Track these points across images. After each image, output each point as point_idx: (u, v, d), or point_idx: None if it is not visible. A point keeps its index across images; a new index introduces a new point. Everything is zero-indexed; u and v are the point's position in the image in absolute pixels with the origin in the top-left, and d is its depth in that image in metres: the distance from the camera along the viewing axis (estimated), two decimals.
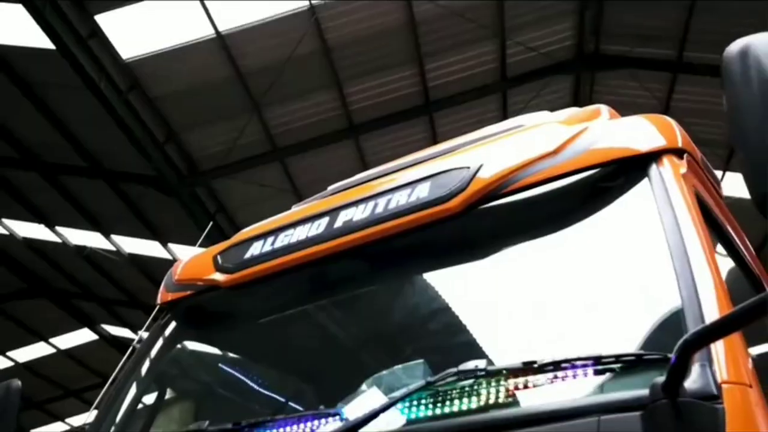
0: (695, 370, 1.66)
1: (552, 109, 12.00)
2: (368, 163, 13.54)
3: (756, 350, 2.82)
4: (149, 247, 15.15)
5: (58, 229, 14.80)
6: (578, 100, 13.55)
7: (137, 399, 2.91)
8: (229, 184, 13.31)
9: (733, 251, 2.65)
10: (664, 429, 1.58)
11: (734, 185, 13.87)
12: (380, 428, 1.95)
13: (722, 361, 1.70)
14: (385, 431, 1.95)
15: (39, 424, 23.60)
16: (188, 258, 3.16)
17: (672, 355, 1.57)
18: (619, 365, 1.80)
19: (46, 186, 13.24)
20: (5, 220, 14.60)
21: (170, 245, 15.03)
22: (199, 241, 4.00)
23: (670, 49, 12.25)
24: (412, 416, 1.97)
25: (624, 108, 11.76)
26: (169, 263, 15.36)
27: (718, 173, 13.21)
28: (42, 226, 14.65)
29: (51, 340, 19.24)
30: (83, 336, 19.48)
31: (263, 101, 11.81)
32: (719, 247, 2.56)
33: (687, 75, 12.49)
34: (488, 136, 3.12)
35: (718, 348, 1.71)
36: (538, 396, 1.85)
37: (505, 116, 13.48)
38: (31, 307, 17.43)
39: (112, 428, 2.74)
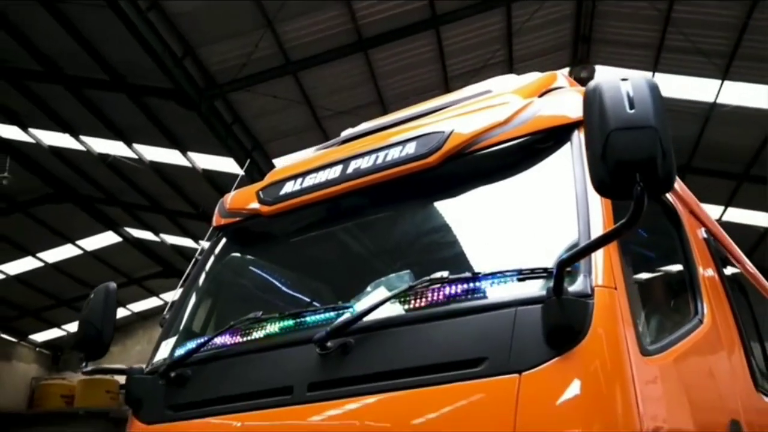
0: (580, 278, 2.55)
1: (553, 22, 12.31)
2: (377, 75, 14.08)
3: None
4: (169, 156, 15.82)
5: (83, 138, 15.45)
6: (581, 14, 13.90)
7: (199, 298, 3.87)
8: (244, 96, 13.88)
9: None
10: (554, 317, 2.48)
11: (732, 94, 14.40)
12: (379, 316, 2.86)
13: (599, 271, 2.59)
14: (382, 318, 2.86)
15: (68, 320, 24.98)
16: (236, 192, 4.06)
17: (554, 269, 2.46)
18: (534, 274, 2.68)
19: (70, 98, 13.80)
20: (32, 130, 15.25)
21: (189, 153, 15.73)
22: (243, 169, 4.88)
23: None
24: (400, 308, 2.87)
25: (627, 20, 12.17)
26: (188, 170, 16.18)
27: (716, 82, 13.75)
28: (67, 135, 15.26)
29: (78, 242, 20.12)
30: (108, 238, 20.35)
31: (276, 17, 12.27)
32: None
33: None
34: (464, 99, 3.95)
35: (597, 263, 2.61)
36: (481, 294, 2.74)
37: (509, 29, 13.86)
38: (58, 212, 18.21)
39: (184, 319, 3.70)
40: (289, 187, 3.65)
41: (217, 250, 3.98)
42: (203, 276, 3.93)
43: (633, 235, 2.94)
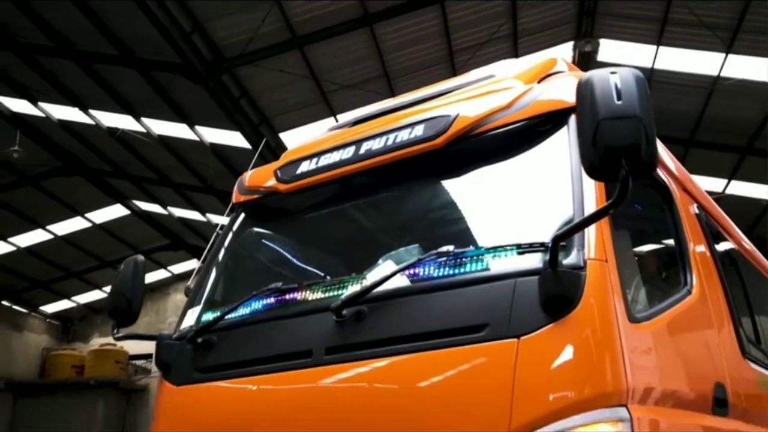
0: (574, 252, 2.80)
1: None
2: (383, 50, 14.18)
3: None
4: (177, 129, 15.98)
5: (92, 111, 15.59)
6: None
7: (221, 269, 4.12)
8: (251, 71, 14.01)
9: None
10: (549, 287, 2.73)
11: (736, 67, 14.50)
12: (390, 287, 3.12)
13: (591, 245, 2.83)
14: (393, 288, 3.12)
15: (78, 292, 25.34)
16: (255, 170, 4.26)
17: (549, 243, 2.70)
18: (532, 249, 2.92)
19: (80, 72, 13.94)
20: (41, 104, 15.41)
21: (197, 127, 15.89)
22: (256, 154, 5.11)
23: None
24: (411, 279, 3.13)
25: None
26: (196, 143, 16.36)
27: (720, 56, 13.84)
28: (76, 109, 15.40)
29: (87, 214, 20.34)
30: (116, 211, 20.56)
31: None
32: None
33: None
34: (468, 83, 4.13)
35: (590, 238, 2.84)
36: (484, 266, 2.99)
37: (514, 3, 13.92)
38: (68, 185, 18.40)
39: (207, 289, 3.94)
40: (305, 167, 3.90)
41: (236, 225, 4.24)
42: (224, 249, 4.19)
43: (627, 212, 3.18)
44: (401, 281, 3.14)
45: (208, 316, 3.73)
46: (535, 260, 2.88)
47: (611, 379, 2.67)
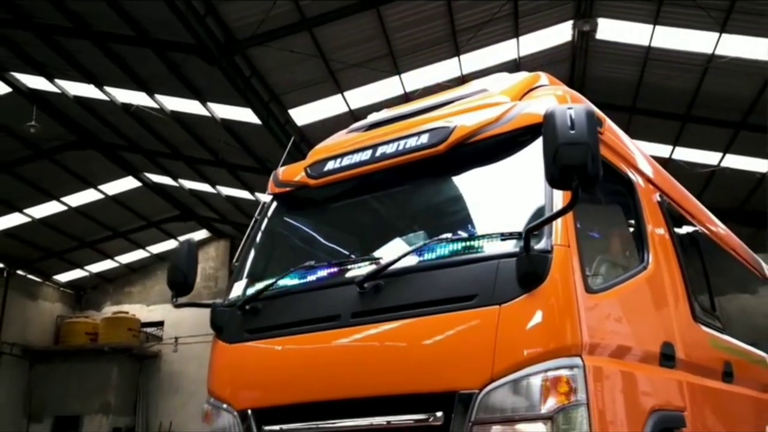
0: (543, 239, 3.57)
1: None
2: (388, 30, 14.66)
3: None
4: (190, 106, 16.54)
5: (107, 88, 16.10)
6: None
7: (259, 249, 4.86)
8: (262, 50, 14.54)
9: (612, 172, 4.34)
10: (524, 267, 3.51)
11: (730, 47, 14.95)
12: (402, 265, 3.91)
13: (559, 233, 3.60)
14: (404, 266, 3.91)
15: (91, 261, 26.02)
16: (288, 167, 5.04)
17: (523, 233, 3.48)
18: (512, 237, 3.69)
19: (96, 52, 14.42)
20: (58, 81, 15.93)
21: (209, 104, 16.44)
22: (285, 153, 5.83)
23: None
24: (417, 259, 3.92)
25: None
26: (208, 119, 16.89)
27: (714, 35, 14.30)
28: (92, 86, 15.92)
29: (100, 186, 20.93)
30: (128, 183, 21.17)
31: None
32: None
33: None
34: (465, 96, 4.83)
35: (557, 228, 3.60)
36: (474, 250, 3.76)
37: None
38: (82, 158, 18.98)
39: (248, 264, 4.68)
40: (330, 165, 4.68)
41: (271, 212, 5.00)
42: (262, 232, 4.95)
43: (595, 202, 3.99)
44: (411, 261, 3.93)
45: (253, 288, 4.50)
46: (514, 246, 3.66)
47: (569, 336, 3.47)
